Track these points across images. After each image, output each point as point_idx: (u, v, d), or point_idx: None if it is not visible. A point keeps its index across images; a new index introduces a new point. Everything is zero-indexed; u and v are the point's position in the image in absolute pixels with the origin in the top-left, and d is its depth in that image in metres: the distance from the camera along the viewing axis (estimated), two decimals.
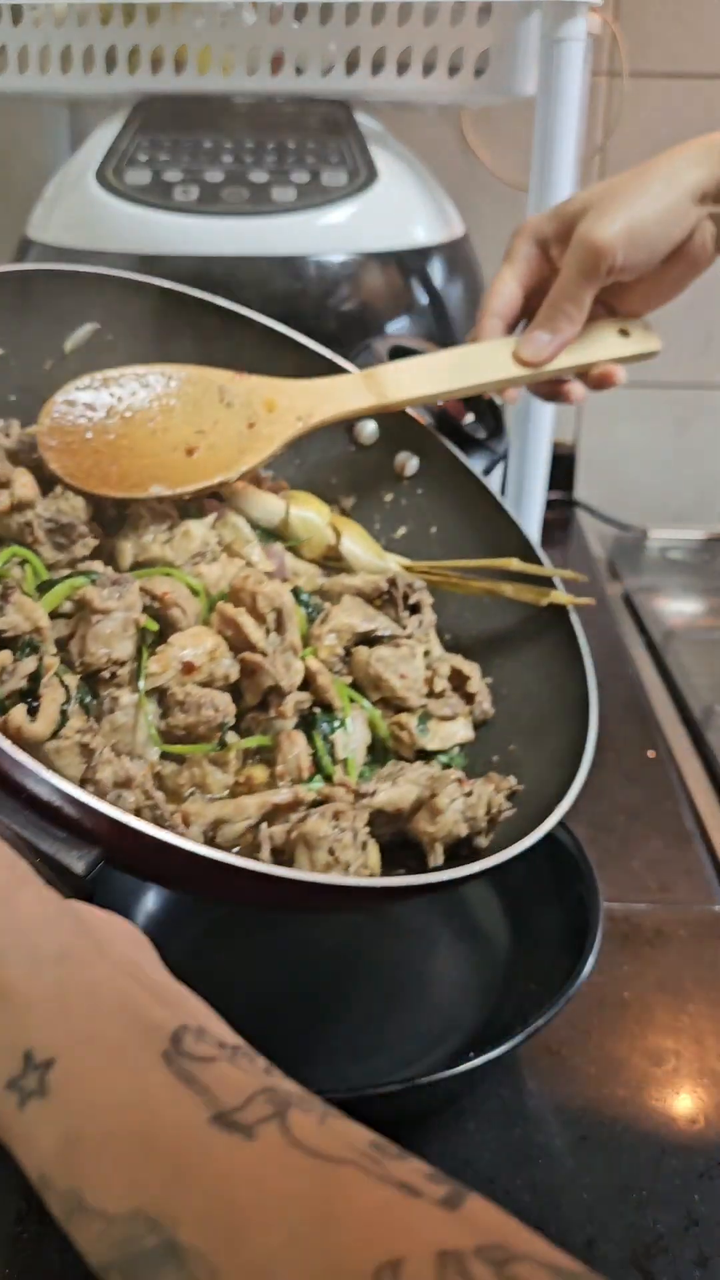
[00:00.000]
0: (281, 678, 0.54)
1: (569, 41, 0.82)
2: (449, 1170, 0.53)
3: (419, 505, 0.70)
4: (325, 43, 0.86)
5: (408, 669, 0.59)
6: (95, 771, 0.48)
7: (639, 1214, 0.51)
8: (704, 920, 0.71)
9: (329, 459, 0.70)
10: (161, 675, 0.52)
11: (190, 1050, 0.32)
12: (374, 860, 0.52)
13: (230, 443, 0.61)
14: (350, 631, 0.59)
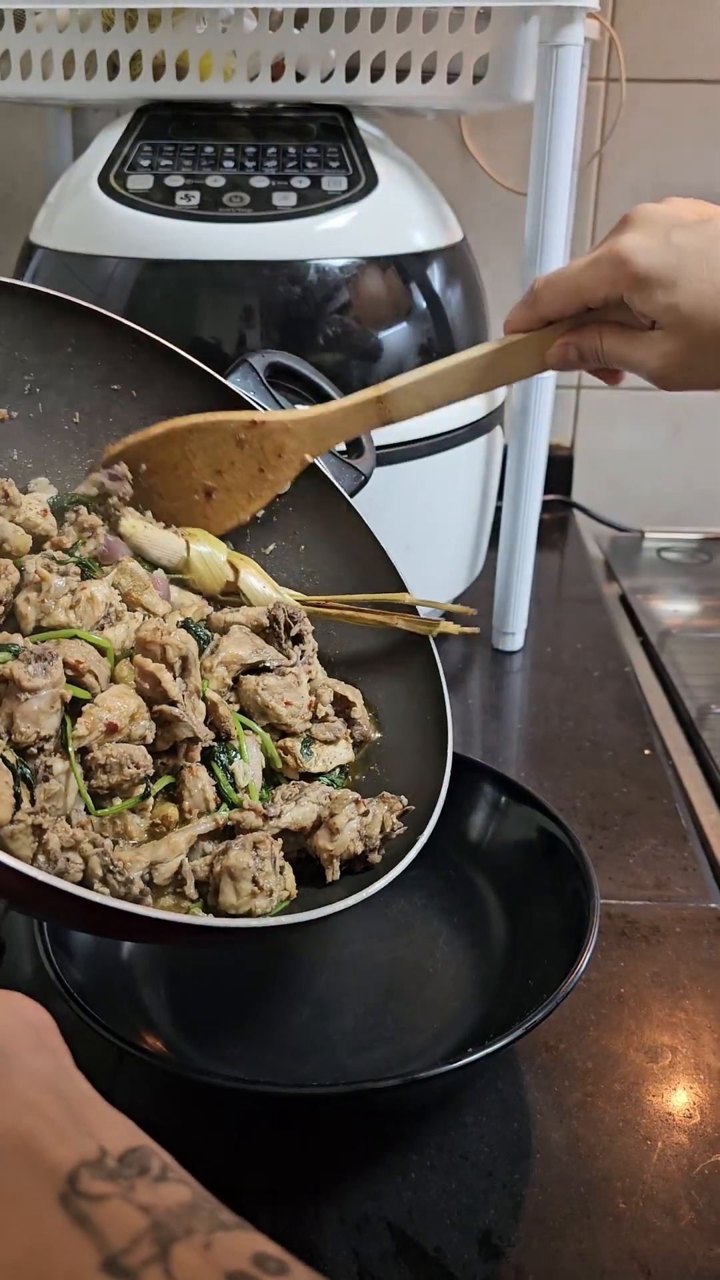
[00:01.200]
0: (198, 729, 0.56)
1: (567, 47, 0.83)
2: (448, 1164, 0.54)
3: (290, 523, 0.72)
4: (325, 49, 0.87)
5: (292, 696, 0.61)
6: (47, 842, 0.49)
7: (636, 1209, 0.52)
8: (700, 917, 0.72)
9: None
10: (88, 737, 0.54)
11: (85, 1189, 0.32)
12: (290, 882, 0.55)
13: (242, 487, 0.67)
14: (239, 662, 0.61)
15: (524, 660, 1.06)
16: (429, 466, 0.93)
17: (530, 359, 0.62)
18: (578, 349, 0.60)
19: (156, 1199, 0.32)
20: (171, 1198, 0.33)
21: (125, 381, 0.68)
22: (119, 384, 0.68)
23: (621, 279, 0.55)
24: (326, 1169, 0.54)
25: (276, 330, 0.86)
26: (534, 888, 0.63)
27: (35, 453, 0.67)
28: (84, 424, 0.68)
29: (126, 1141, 0.35)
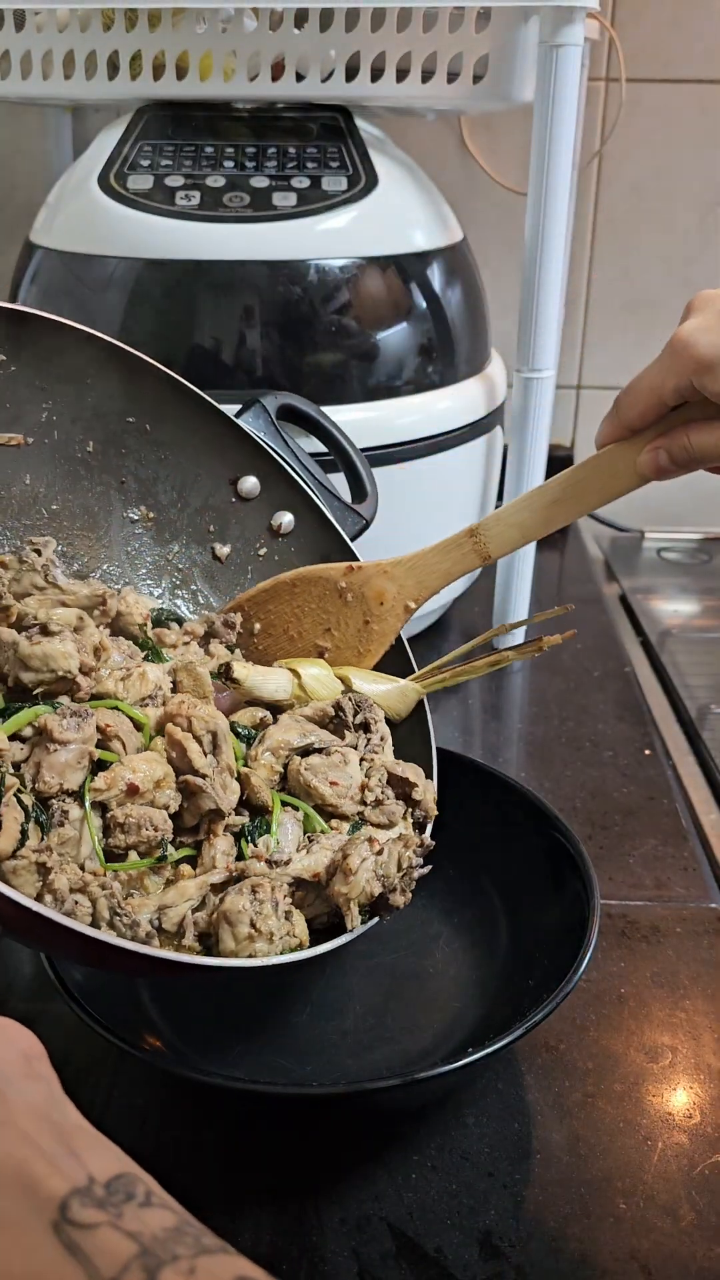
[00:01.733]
0: (221, 800, 0.56)
1: (567, 47, 0.83)
2: (449, 1165, 0.54)
3: (289, 563, 0.73)
4: (325, 49, 0.87)
5: (339, 776, 0.60)
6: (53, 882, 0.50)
7: (636, 1209, 0.52)
8: (700, 917, 0.72)
9: (210, 506, 0.72)
10: (105, 792, 0.54)
11: (76, 1218, 0.33)
12: (300, 929, 0.54)
13: (351, 644, 0.68)
14: (287, 747, 0.61)
15: (524, 660, 1.06)
16: (429, 466, 0.93)
17: (624, 472, 0.60)
18: (667, 452, 0.58)
19: (143, 1225, 0.33)
20: (157, 1223, 0.34)
21: (139, 415, 0.69)
22: (134, 416, 0.69)
23: (686, 365, 0.53)
24: (327, 1169, 0.54)
25: (276, 330, 0.86)
26: (534, 888, 0.63)
27: (47, 478, 0.68)
28: (96, 453, 0.69)
29: (113, 1168, 0.36)
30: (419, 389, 0.92)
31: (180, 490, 0.72)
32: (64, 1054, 0.59)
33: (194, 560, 0.73)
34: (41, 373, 0.66)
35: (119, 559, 0.71)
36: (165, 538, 0.72)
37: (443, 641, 1.09)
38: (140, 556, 0.72)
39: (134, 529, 0.71)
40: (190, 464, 0.71)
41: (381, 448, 0.89)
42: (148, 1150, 0.54)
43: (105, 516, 0.71)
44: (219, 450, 0.71)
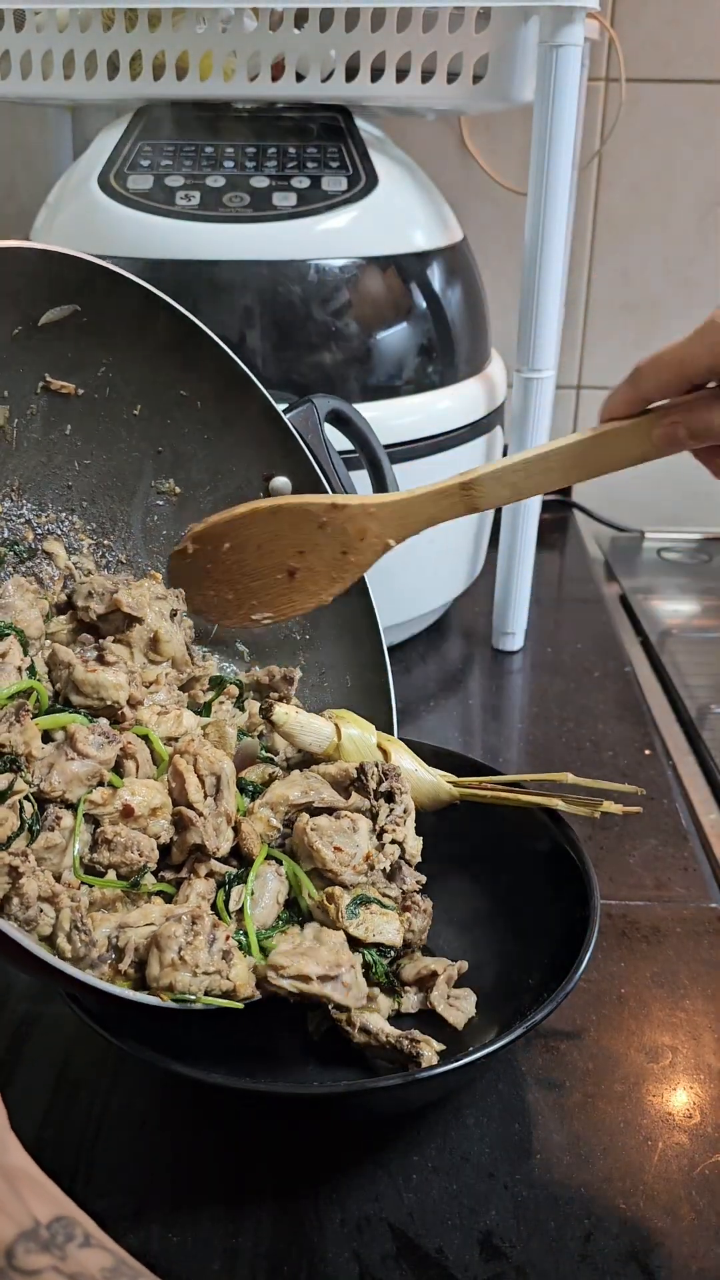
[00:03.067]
0: (209, 839, 0.56)
1: (567, 47, 0.83)
2: (449, 1165, 0.54)
3: None
4: (325, 49, 0.87)
5: (344, 842, 0.59)
6: (21, 886, 0.50)
7: (637, 1209, 0.52)
8: (700, 917, 0.72)
9: (238, 496, 0.72)
10: (101, 807, 0.55)
11: (21, 1264, 0.33)
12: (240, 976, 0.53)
13: (325, 568, 0.67)
14: (285, 803, 0.60)
15: (524, 660, 1.07)
16: (429, 466, 0.93)
17: (631, 446, 0.59)
18: (687, 427, 0.57)
19: (82, 1267, 0.34)
20: (95, 1264, 0.34)
21: (193, 390, 0.70)
22: (187, 390, 0.69)
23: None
24: (327, 1170, 0.54)
25: (276, 330, 0.86)
26: (534, 887, 0.63)
27: (87, 432, 0.68)
28: (141, 417, 0.69)
29: (53, 1210, 0.36)
30: (419, 389, 0.92)
31: (213, 473, 0.72)
32: (64, 1054, 0.60)
33: None
34: (111, 330, 0.65)
35: (135, 527, 0.71)
36: (185, 516, 0.72)
37: (442, 641, 1.09)
38: (158, 530, 0.72)
39: (157, 500, 0.71)
40: (230, 450, 0.72)
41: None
42: (147, 1152, 0.54)
43: (134, 481, 0.71)
44: (262, 444, 0.72)
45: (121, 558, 0.71)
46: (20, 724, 0.54)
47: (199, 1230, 0.50)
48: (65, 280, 0.62)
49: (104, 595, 0.64)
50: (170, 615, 0.67)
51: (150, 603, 0.65)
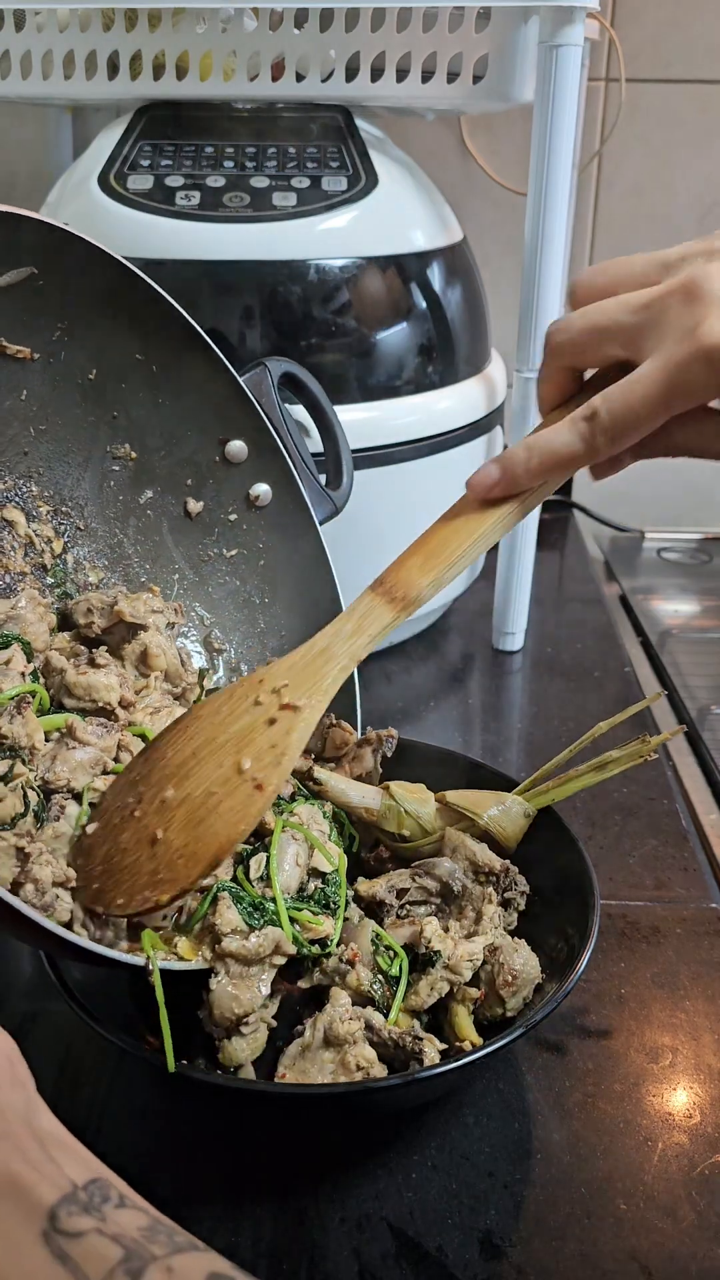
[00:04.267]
0: None
1: (567, 47, 0.83)
2: (449, 1165, 0.54)
3: (256, 535, 0.73)
4: (325, 49, 0.87)
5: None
6: (32, 872, 0.51)
7: (637, 1209, 0.52)
8: (700, 917, 0.72)
9: (194, 460, 0.72)
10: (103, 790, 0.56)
11: (64, 1226, 0.34)
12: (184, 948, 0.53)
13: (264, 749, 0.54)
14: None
15: (524, 660, 1.06)
16: (429, 466, 0.93)
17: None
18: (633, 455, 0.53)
19: (121, 1228, 0.34)
20: (132, 1224, 0.35)
21: (149, 355, 0.69)
22: (143, 355, 0.69)
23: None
24: (327, 1169, 0.54)
25: (276, 330, 0.86)
26: (534, 887, 0.63)
27: (42, 397, 0.67)
28: (97, 382, 0.69)
29: (88, 1172, 0.36)
30: (419, 389, 0.92)
31: (168, 438, 0.71)
32: (64, 1054, 0.60)
33: (165, 510, 0.73)
34: (67, 293, 0.65)
35: (92, 493, 0.71)
36: (142, 481, 0.72)
37: (442, 641, 1.09)
38: (114, 496, 0.71)
39: (113, 465, 0.71)
40: (186, 414, 0.71)
41: (381, 448, 0.89)
42: (148, 1150, 0.54)
43: (89, 446, 0.70)
44: (218, 408, 0.71)
45: (80, 525, 0.70)
46: (22, 716, 0.55)
47: (199, 1228, 0.50)
48: (19, 242, 0.61)
49: (104, 610, 0.64)
50: (167, 627, 0.67)
51: (147, 615, 0.65)
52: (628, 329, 0.48)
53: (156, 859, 0.52)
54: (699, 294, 0.46)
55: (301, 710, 0.53)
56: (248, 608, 0.75)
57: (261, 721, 0.53)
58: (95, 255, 0.64)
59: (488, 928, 0.59)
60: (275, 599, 0.74)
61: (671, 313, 0.46)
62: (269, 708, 0.54)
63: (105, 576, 0.70)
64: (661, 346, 0.46)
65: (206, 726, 0.55)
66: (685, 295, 0.46)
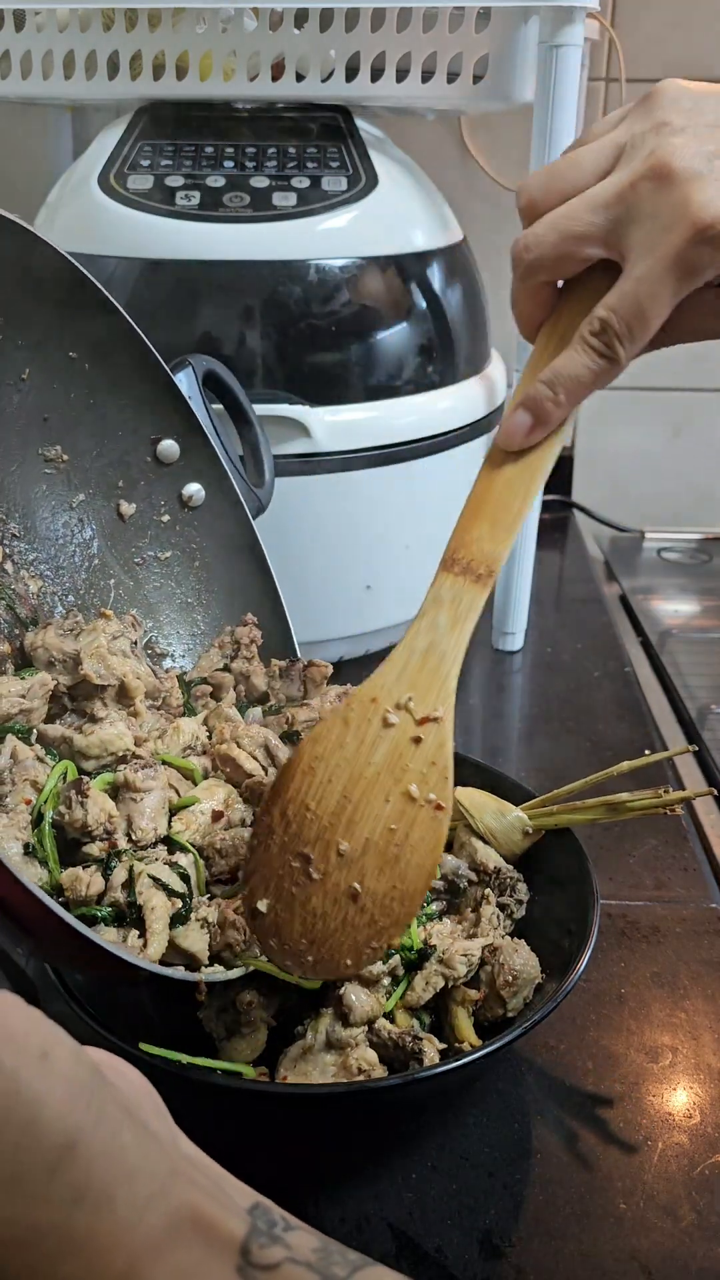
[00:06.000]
0: None
1: (567, 47, 0.82)
2: (449, 1165, 0.54)
3: (190, 535, 0.73)
4: (325, 49, 0.87)
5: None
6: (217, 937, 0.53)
7: (637, 1208, 0.52)
8: (700, 917, 0.72)
9: (125, 461, 0.71)
10: (186, 831, 0.56)
11: (257, 1259, 0.33)
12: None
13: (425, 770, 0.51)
14: None
15: (524, 660, 1.07)
16: (429, 466, 0.93)
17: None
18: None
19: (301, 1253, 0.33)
20: (306, 1246, 0.33)
21: (82, 352, 0.67)
22: (76, 352, 0.67)
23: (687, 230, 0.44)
24: (327, 1169, 0.54)
25: (276, 330, 0.86)
26: (534, 887, 0.63)
27: None
28: (30, 383, 0.66)
29: (248, 1197, 0.35)
30: (419, 389, 0.92)
31: (100, 438, 0.70)
32: None
33: (97, 512, 0.71)
34: (5, 287, 0.63)
35: (25, 498, 0.68)
36: (74, 484, 0.70)
37: None
38: (44, 499, 0.69)
39: (44, 469, 0.69)
40: (117, 413, 0.70)
41: (381, 448, 0.89)
42: None
43: (20, 450, 0.68)
44: (150, 406, 0.70)
45: (15, 531, 0.68)
46: (86, 797, 0.54)
47: None
48: None
49: (66, 662, 0.61)
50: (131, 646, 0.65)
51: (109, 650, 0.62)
52: (604, 228, 0.46)
53: (367, 910, 0.50)
54: (671, 173, 0.44)
55: (442, 720, 0.51)
56: (185, 609, 0.74)
57: (406, 743, 0.51)
58: (37, 247, 0.62)
59: (487, 929, 0.59)
60: (213, 599, 0.73)
61: (648, 200, 0.44)
62: (405, 726, 0.51)
63: (44, 585, 0.69)
64: (650, 236, 0.45)
65: (341, 765, 0.51)
66: (656, 178, 0.44)
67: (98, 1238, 0.32)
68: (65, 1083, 0.32)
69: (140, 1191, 0.33)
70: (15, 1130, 0.31)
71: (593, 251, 0.47)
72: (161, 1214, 0.33)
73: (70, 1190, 0.31)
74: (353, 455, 0.88)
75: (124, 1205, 0.32)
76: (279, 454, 0.86)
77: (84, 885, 0.52)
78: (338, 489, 0.88)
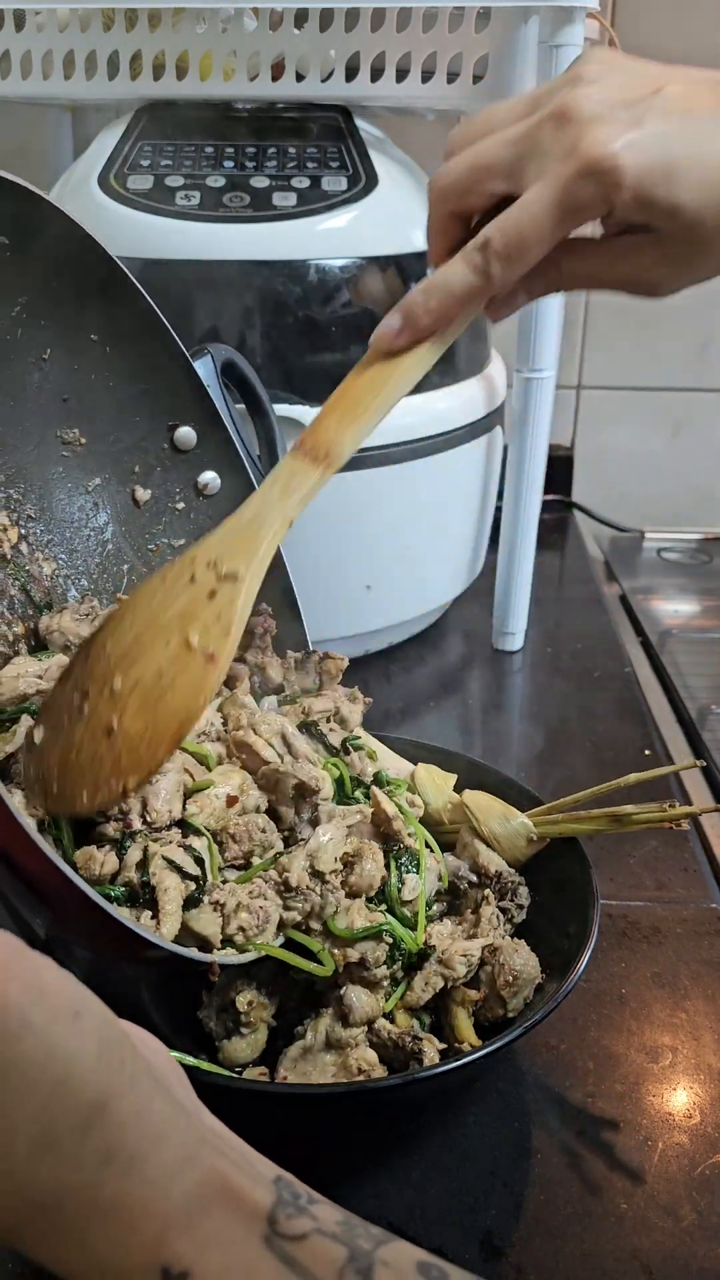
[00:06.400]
0: (303, 774, 0.58)
1: (567, 47, 0.82)
2: (449, 1164, 0.54)
3: (204, 524, 0.72)
4: (325, 49, 0.87)
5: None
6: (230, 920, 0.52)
7: (637, 1208, 0.52)
8: (700, 917, 0.72)
9: (142, 447, 0.70)
10: (204, 812, 0.56)
11: (285, 1229, 0.33)
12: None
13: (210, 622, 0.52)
14: None
15: (524, 660, 1.07)
16: (429, 466, 0.93)
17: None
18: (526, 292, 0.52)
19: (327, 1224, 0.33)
20: (330, 1218, 0.33)
21: (104, 335, 0.67)
22: (97, 335, 0.67)
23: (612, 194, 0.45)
24: (327, 1169, 0.54)
25: (276, 330, 0.86)
26: (534, 888, 0.63)
27: None
28: (52, 361, 0.66)
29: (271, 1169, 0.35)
30: (419, 389, 0.92)
31: (118, 423, 0.69)
32: None
33: (112, 497, 0.70)
34: (34, 266, 0.62)
35: (39, 478, 0.68)
36: (90, 468, 0.69)
37: (442, 641, 1.09)
38: (60, 482, 0.69)
39: (61, 450, 0.69)
40: (135, 399, 0.69)
41: (381, 448, 0.89)
42: None
43: (40, 430, 0.67)
44: (169, 393, 0.69)
45: (31, 512, 0.68)
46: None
47: None
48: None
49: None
50: None
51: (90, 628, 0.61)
52: (507, 161, 0.49)
53: (116, 748, 0.51)
54: (571, 115, 0.46)
55: (241, 578, 0.52)
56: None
57: (202, 596, 0.52)
58: (66, 227, 0.62)
59: (487, 929, 0.59)
60: None
61: (547, 138, 0.47)
62: (206, 582, 0.52)
63: (57, 568, 0.68)
64: (542, 167, 0.47)
65: (144, 612, 0.53)
66: (558, 120, 0.47)
67: (128, 1202, 0.31)
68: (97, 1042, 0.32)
69: (170, 1157, 0.32)
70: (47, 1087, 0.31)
71: (496, 184, 0.49)
72: (191, 1181, 0.33)
73: (101, 1152, 0.31)
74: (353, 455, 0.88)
75: (155, 1169, 0.32)
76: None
77: (98, 864, 0.52)
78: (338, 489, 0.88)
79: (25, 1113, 0.31)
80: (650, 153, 0.45)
